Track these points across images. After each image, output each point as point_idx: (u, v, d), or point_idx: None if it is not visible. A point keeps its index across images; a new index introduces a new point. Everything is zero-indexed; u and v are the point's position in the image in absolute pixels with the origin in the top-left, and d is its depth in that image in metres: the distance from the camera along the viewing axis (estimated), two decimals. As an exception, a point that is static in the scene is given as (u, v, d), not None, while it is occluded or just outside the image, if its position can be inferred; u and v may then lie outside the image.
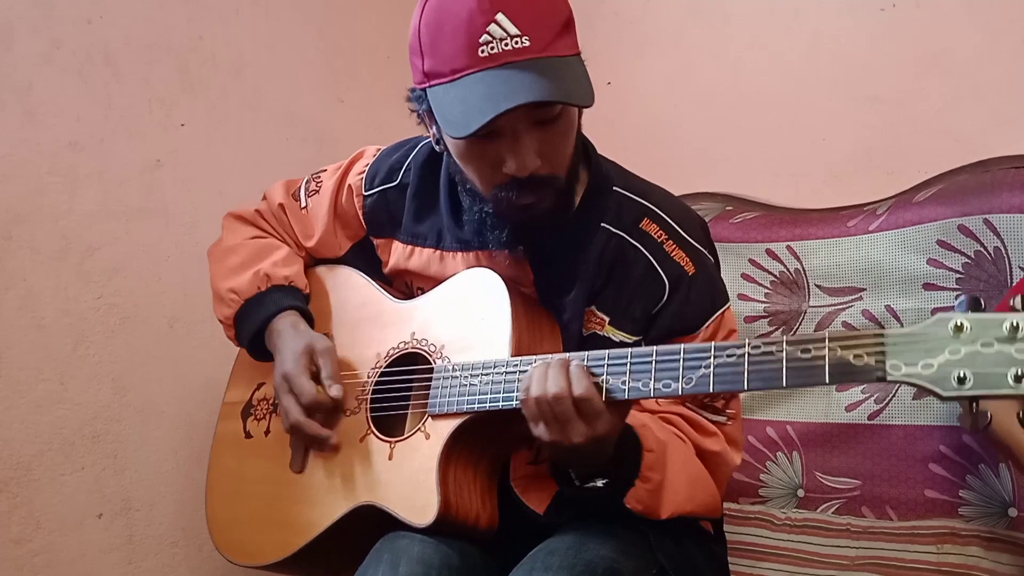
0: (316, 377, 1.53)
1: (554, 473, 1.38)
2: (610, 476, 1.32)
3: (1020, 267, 1.77)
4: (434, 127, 1.42)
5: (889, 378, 1.02)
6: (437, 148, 1.46)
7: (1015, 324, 0.96)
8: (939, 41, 2.09)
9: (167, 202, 2.12)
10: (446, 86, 1.29)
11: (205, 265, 1.74)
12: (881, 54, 2.17)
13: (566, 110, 1.33)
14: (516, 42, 1.25)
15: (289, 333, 1.57)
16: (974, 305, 1.00)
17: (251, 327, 1.61)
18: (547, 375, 1.24)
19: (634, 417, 1.34)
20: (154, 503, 2.09)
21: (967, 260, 1.82)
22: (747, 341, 1.15)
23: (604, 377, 1.24)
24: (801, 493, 1.95)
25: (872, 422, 1.89)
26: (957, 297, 1.04)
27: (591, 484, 1.34)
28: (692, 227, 1.49)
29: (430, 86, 1.32)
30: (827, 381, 1.06)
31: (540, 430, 1.26)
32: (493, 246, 1.44)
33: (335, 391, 1.51)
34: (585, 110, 1.39)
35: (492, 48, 1.25)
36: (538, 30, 1.27)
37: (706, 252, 1.49)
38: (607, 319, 1.45)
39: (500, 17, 1.25)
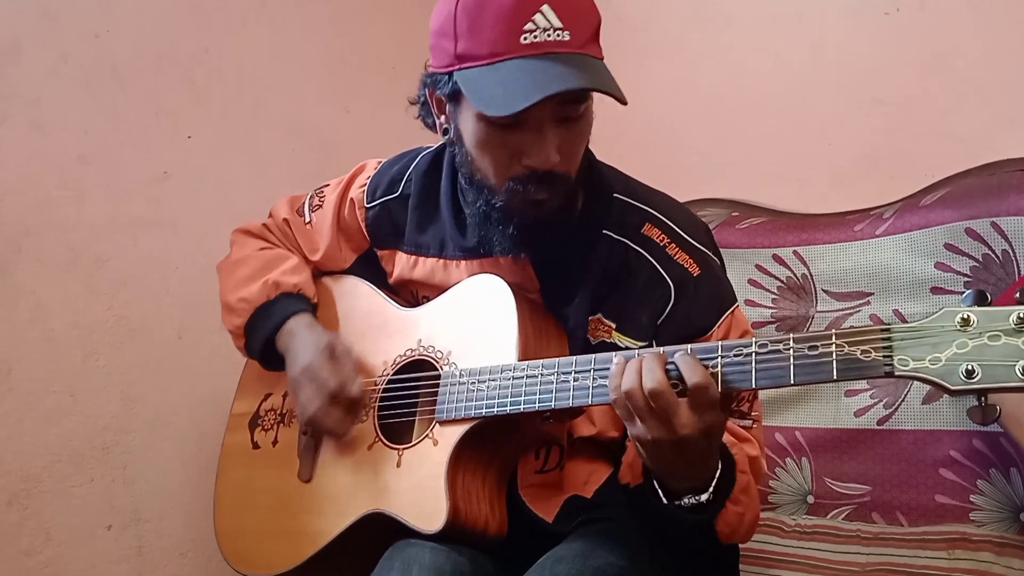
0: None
1: (645, 487, 1.31)
2: (710, 491, 1.26)
3: (1029, 269, 1.77)
4: (443, 116, 1.43)
5: (897, 373, 1.02)
6: (445, 138, 1.46)
7: (1022, 316, 0.96)
8: (943, 44, 2.09)
9: (175, 213, 2.13)
10: (483, 68, 1.29)
11: (213, 276, 1.74)
12: (885, 57, 2.16)
13: (588, 111, 1.35)
14: (558, 35, 1.27)
15: (304, 333, 1.58)
16: (980, 298, 1.00)
17: (262, 334, 1.62)
18: (642, 366, 1.20)
19: None
20: (163, 514, 2.09)
21: (975, 263, 1.82)
22: (754, 340, 1.15)
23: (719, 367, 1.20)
24: (811, 499, 1.94)
25: (881, 427, 1.88)
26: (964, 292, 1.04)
27: (688, 501, 1.26)
28: (695, 230, 1.49)
29: (460, 68, 1.32)
30: (835, 377, 1.07)
31: (637, 428, 1.21)
32: (498, 243, 1.43)
33: (357, 386, 1.50)
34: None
35: (535, 37, 1.27)
36: (578, 27, 1.29)
37: (710, 253, 1.48)
38: (614, 326, 1.44)
39: (545, 8, 1.27)
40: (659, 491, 1.28)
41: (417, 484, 1.41)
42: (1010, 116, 2.01)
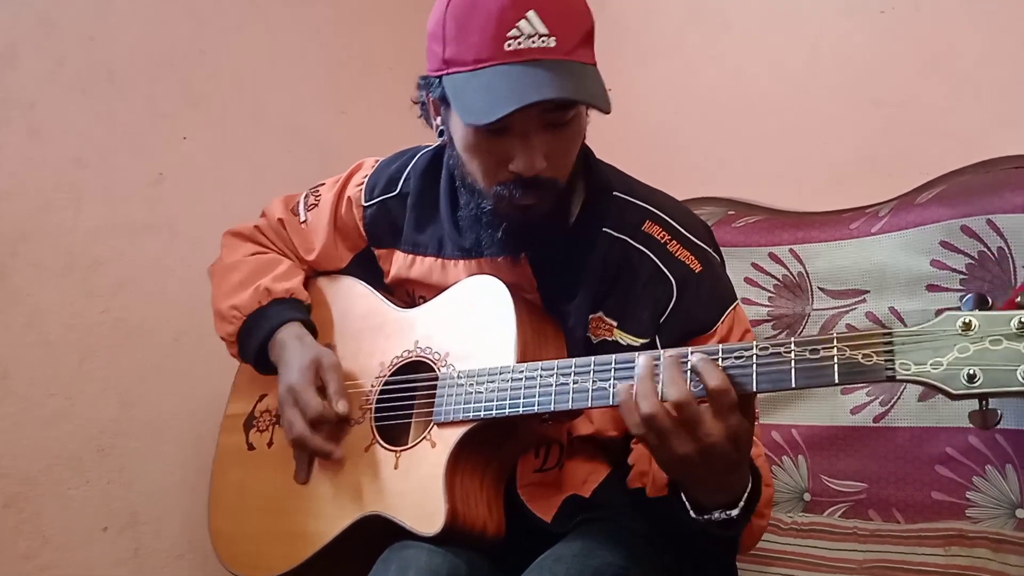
0: (322, 391, 1.52)
1: (672, 501, 1.28)
2: (741, 505, 1.23)
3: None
4: (439, 117, 1.43)
5: (899, 377, 1.03)
6: (440, 139, 1.47)
7: (1023, 321, 0.96)
8: (939, 42, 2.10)
9: (171, 216, 2.12)
10: (467, 74, 1.29)
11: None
12: (881, 56, 2.17)
13: (577, 116, 1.35)
14: (543, 41, 1.26)
15: (294, 345, 1.57)
16: (981, 303, 1.00)
17: (255, 342, 1.61)
18: (656, 382, 1.17)
19: None
20: (161, 516, 2.09)
21: (970, 261, 1.82)
22: (755, 343, 1.15)
23: (736, 370, 1.17)
24: (807, 497, 1.95)
25: (877, 424, 1.89)
26: (963, 296, 1.04)
27: (718, 516, 1.23)
28: (695, 227, 1.49)
29: (448, 73, 1.32)
30: (836, 381, 1.07)
31: (664, 449, 1.17)
32: (486, 246, 1.44)
33: (341, 407, 1.50)
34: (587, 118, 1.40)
35: (519, 43, 1.26)
36: (565, 33, 1.28)
37: (711, 250, 1.49)
38: (615, 324, 1.44)
39: (531, 14, 1.26)
40: (687, 505, 1.25)
41: (415, 486, 1.41)
42: (1006, 114, 2.01)
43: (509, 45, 1.26)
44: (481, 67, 1.28)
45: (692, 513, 1.24)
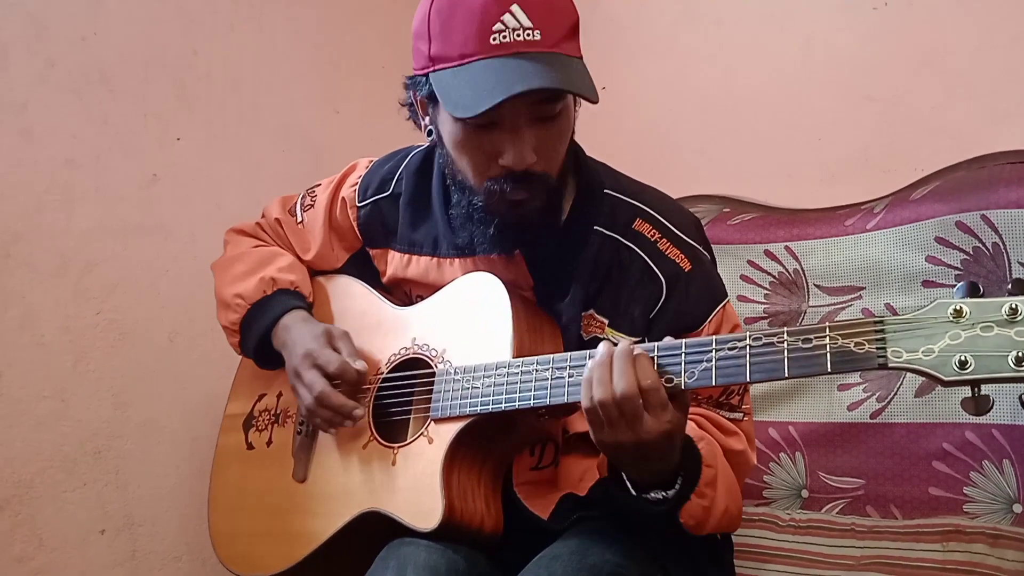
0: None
1: (611, 480, 1.34)
2: (676, 487, 1.29)
3: (1019, 262, 1.76)
4: (427, 117, 1.43)
5: (891, 365, 1.03)
6: (429, 139, 1.47)
7: (1014, 307, 0.97)
8: (932, 38, 2.10)
9: (165, 217, 2.12)
10: (453, 70, 1.30)
11: (204, 279, 1.74)
12: (875, 53, 2.17)
13: (566, 110, 1.35)
14: (528, 34, 1.27)
15: (301, 325, 1.58)
16: (972, 290, 1.00)
17: (258, 330, 1.61)
18: (612, 371, 1.21)
19: (689, 429, 1.32)
20: (157, 518, 2.08)
21: (966, 256, 1.82)
22: (748, 333, 1.15)
23: (669, 367, 1.22)
24: (805, 494, 1.95)
25: (874, 421, 1.89)
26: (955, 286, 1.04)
27: (653, 495, 1.29)
28: (685, 225, 1.49)
29: (434, 70, 1.32)
30: (829, 370, 1.07)
31: (605, 433, 1.22)
32: (479, 243, 1.44)
33: (360, 365, 1.50)
34: (580, 115, 1.40)
35: (504, 37, 1.27)
36: (550, 26, 1.28)
37: (701, 248, 1.49)
38: (607, 321, 1.45)
39: (515, 8, 1.27)
40: (627, 484, 1.30)
41: (412, 482, 1.41)
42: (1000, 109, 2.02)
43: (494, 39, 1.27)
44: (467, 62, 1.29)
45: (632, 491, 1.30)
